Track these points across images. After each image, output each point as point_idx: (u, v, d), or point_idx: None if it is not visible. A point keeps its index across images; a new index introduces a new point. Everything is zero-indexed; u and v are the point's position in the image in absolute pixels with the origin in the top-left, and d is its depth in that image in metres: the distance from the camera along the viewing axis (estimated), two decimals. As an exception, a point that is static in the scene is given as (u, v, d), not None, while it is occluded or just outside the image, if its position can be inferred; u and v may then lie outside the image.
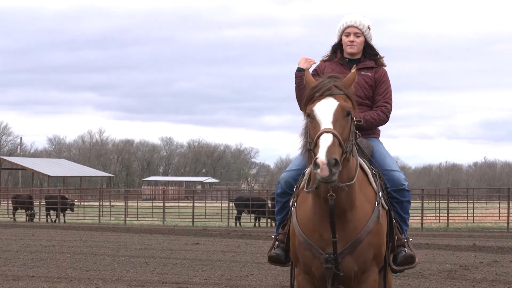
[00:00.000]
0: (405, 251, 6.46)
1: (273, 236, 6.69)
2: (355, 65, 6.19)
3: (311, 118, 5.69)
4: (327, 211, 5.78)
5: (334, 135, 5.50)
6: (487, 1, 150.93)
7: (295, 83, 6.70)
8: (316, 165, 5.36)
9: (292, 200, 6.30)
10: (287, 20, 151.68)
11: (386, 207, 6.32)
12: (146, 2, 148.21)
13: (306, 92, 5.85)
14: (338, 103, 5.68)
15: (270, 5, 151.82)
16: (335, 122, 5.59)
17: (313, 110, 5.68)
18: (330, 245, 5.87)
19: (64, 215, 40.32)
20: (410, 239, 6.68)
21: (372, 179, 6.21)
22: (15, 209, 41.51)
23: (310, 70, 6.66)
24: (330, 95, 5.72)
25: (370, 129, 6.83)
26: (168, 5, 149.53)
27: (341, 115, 5.65)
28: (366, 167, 6.24)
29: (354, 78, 5.95)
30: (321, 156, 5.36)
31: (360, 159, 6.24)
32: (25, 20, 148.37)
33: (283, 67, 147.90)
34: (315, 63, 6.79)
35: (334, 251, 5.87)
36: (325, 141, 5.45)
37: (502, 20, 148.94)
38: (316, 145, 5.51)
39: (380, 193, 6.22)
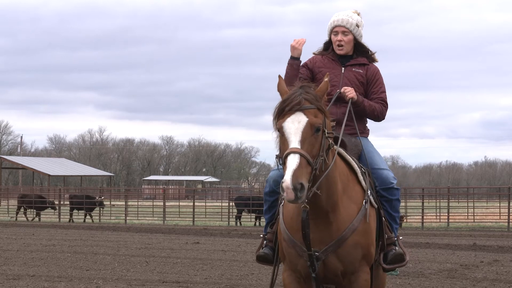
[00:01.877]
0: (395, 250, 6.42)
1: (261, 235, 6.69)
2: (327, 73, 6.08)
3: (280, 134, 5.61)
4: (310, 212, 5.75)
5: (301, 155, 5.40)
6: (487, 1, 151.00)
7: (286, 70, 6.65)
8: (282, 189, 5.31)
9: (280, 199, 6.30)
10: (288, 20, 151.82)
11: (376, 205, 6.28)
12: (146, 1, 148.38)
13: (277, 105, 5.73)
14: (307, 119, 5.55)
15: (270, 5, 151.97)
16: (303, 140, 5.48)
17: (282, 126, 5.58)
18: (315, 243, 5.86)
19: (90, 215, 39.65)
20: (400, 237, 6.64)
21: (361, 178, 6.17)
22: (19, 208, 41.07)
23: (302, 57, 6.64)
24: (300, 110, 5.59)
25: (367, 116, 6.79)
26: (168, 4, 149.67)
27: (310, 133, 5.53)
28: (355, 166, 6.21)
29: (327, 88, 5.81)
30: (287, 180, 5.29)
31: (351, 158, 6.22)
32: (26, 19, 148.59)
33: (283, 67, 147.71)
34: (305, 41, 6.66)
35: (311, 264, 5.86)
36: (292, 163, 5.36)
37: (502, 20, 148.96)
38: (284, 164, 5.46)
39: (369, 191, 6.18)
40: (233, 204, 38.22)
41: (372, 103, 6.71)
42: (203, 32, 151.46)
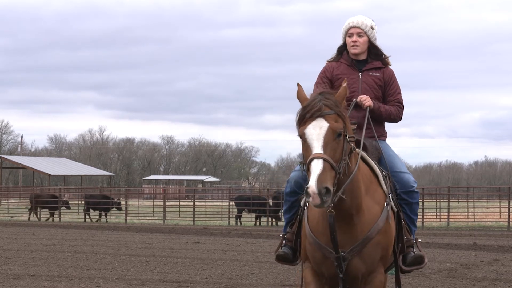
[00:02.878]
0: (414, 252, 6.59)
1: (280, 235, 6.76)
2: (345, 79, 6.18)
3: (303, 140, 5.68)
4: (336, 215, 5.82)
5: (325, 160, 5.48)
6: (487, 1, 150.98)
7: None
8: (308, 194, 5.37)
9: (304, 200, 6.34)
10: (288, 20, 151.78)
11: (395, 209, 6.37)
12: (147, 1, 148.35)
13: (298, 112, 5.81)
14: (328, 125, 5.62)
15: (270, 5, 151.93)
16: (325, 145, 5.56)
17: (304, 133, 5.65)
18: (341, 244, 5.93)
19: (106, 215, 39.42)
20: (419, 240, 6.79)
21: (382, 181, 6.26)
22: (33, 208, 40.31)
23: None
24: (321, 116, 5.66)
25: (384, 120, 6.91)
26: (169, 4, 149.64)
27: (331, 138, 5.60)
28: (377, 169, 6.30)
29: (346, 93, 5.88)
30: (312, 185, 5.35)
31: (373, 162, 6.32)
32: (26, 19, 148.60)
33: (283, 66, 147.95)
34: None
35: (338, 266, 5.92)
36: (316, 168, 5.43)
37: (502, 19, 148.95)
38: (308, 169, 5.52)
39: (390, 194, 6.27)
40: (233, 203, 38.20)
41: (388, 107, 6.84)
42: (204, 32, 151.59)
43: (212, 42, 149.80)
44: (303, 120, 5.69)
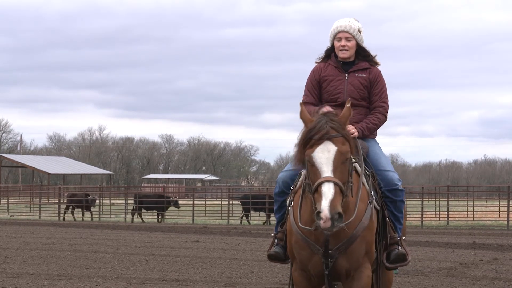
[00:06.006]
0: (398, 249, 6.60)
1: (272, 234, 6.85)
2: (349, 99, 6.19)
3: (310, 164, 5.70)
4: None
5: (336, 184, 5.54)
6: (487, 0, 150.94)
7: None
8: (319, 218, 5.42)
9: (289, 200, 6.40)
10: (289, 19, 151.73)
11: (378, 207, 6.43)
12: (147, 0, 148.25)
13: (303, 134, 5.82)
14: (336, 148, 5.67)
15: (271, 4, 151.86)
16: (335, 169, 5.62)
17: (312, 156, 5.68)
18: (328, 241, 5.97)
19: (163, 215, 38.25)
20: (403, 238, 6.80)
21: (364, 180, 6.29)
22: (68, 208, 39.82)
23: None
24: (328, 139, 5.71)
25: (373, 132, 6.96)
26: (169, 4, 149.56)
27: (340, 161, 5.66)
28: (358, 168, 6.33)
29: (350, 114, 5.94)
30: (325, 210, 5.41)
31: (356, 161, 6.34)
32: (27, 18, 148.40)
33: (284, 66, 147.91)
34: None
35: (325, 263, 5.96)
36: (328, 192, 5.48)
37: (502, 18, 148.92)
38: (317, 192, 5.55)
39: (372, 193, 6.33)
40: (238, 202, 38.02)
41: (370, 122, 6.83)
42: (204, 31, 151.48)
43: (213, 41, 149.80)
44: (310, 143, 5.72)
